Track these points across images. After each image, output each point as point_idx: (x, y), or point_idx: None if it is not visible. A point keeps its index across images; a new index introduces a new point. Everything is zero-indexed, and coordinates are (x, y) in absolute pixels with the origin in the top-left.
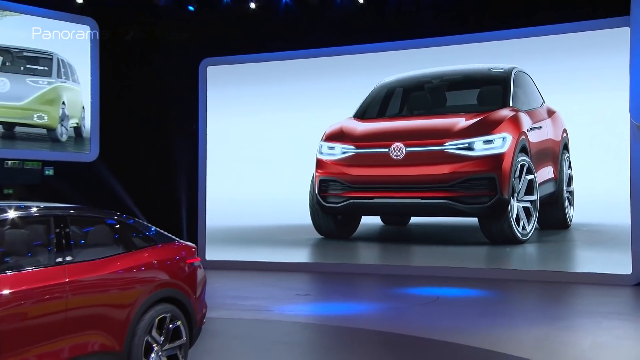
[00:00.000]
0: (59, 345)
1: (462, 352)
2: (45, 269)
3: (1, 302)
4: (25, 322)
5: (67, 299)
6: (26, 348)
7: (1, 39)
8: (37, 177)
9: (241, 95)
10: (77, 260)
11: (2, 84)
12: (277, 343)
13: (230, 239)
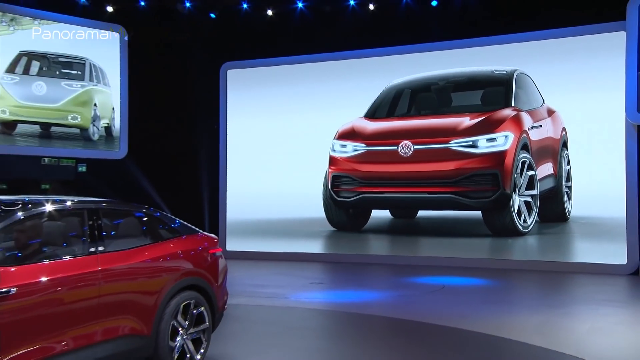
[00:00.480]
0: (93, 328)
1: (467, 337)
2: (79, 258)
3: (39, 288)
4: (61, 307)
5: (99, 286)
6: (63, 331)
7: (39, 46)
8: (71, 173)
9: (259, 96)
10: (108, 250)
11: (40, 87)
12: (293, 328)
13: (249, 231)
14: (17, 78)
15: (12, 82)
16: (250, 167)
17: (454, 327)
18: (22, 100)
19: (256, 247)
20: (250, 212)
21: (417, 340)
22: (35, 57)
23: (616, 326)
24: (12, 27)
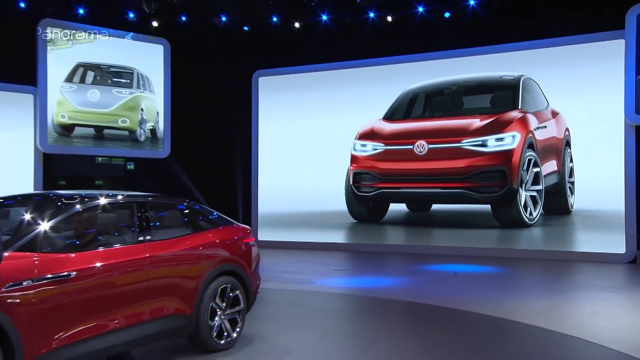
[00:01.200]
0: (141, 308)
1: (476, 319)
2: (129, 246)
3: (95, 272)
4: (114, 289)
5: (147, 271)
6: (115, 310)
7: (94, 57)
8: (121, 170)
9: (287, 100)
10: (155, 239)
11: (94, 94)
12: (319, 310)
13: (278, 223)
14: (75, 86)
15: (70, 90)
16: (279, 164)
17: (465, 310)
18: (79, 106)
19: (284, 237)
20: (279, 205)
21: (431, 322)
22: (90, 68)
23: (615, 310)
24: (70, 42)
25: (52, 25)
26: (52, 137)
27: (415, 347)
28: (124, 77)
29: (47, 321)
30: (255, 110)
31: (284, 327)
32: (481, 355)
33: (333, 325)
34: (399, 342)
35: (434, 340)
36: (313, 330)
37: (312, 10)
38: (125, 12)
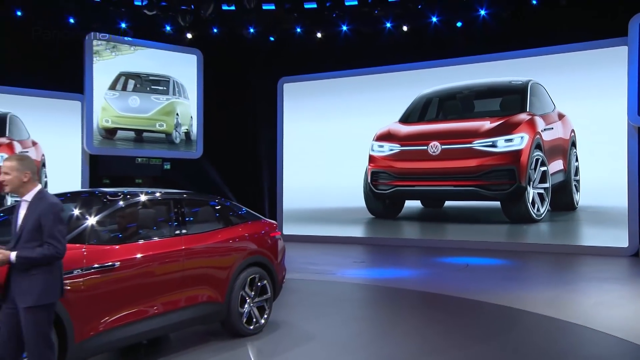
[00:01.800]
0: (178, 296)
1: (487, 308)
2: (167, 239)
3: (136, 263)
4: (153, 279)
5: (183, 262)
6: (154, 297)
7: (134, 67)
8: (158, 170)
9: (310, 105)
10: (190, 232)
11: (134, 100)
12: (340, 299)
13: (301, 218)
14: (117, 94)
15: (113, 97)
16: (303, 164)
17: (476, 300)
18: (121, 112)
19: (308, 232)
20: (303, 202)
21: (444, 311)
22: (131, 77)
23: (618, 300)
24: (113, 53)
25: (97, 38)
26: (97, 139)
27: (430, 334)
28: (161, 84)
29: (94, 306)
30: (281, 114)
31: (308, 314)
32: (492, 342)
33: (353, 313)
34: (414, 329)
35: (447, 328)
36: (335, 318)
37: (332, 21)
38: (163, 25)
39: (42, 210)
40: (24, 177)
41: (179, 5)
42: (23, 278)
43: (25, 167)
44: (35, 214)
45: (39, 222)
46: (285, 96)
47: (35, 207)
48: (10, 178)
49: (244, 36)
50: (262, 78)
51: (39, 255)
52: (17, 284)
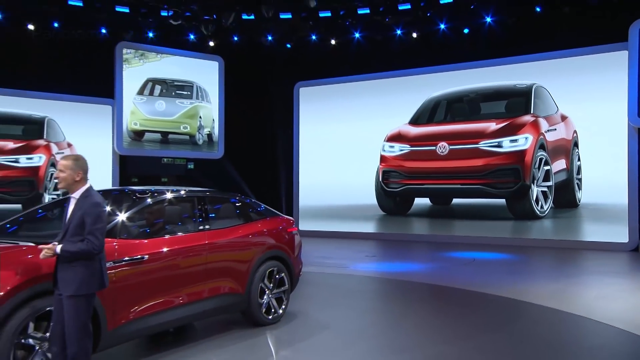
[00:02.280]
0: (201, 287)
1: (493, 300)
2: (191, 234)
3: (163, 256)
4: (178, 271)
5: (206, 255)
6: (180, 289)
7: (160, 73)
8: (182, 169)
9: (324, 108)
10: (212, 228)
11: (160, 105)
12: (352, 291)
13: (316, 214)
14: (145, 98)
15: (141, 101)
16: (317, 164)
17: (482, 292)
18: (148, 115)
19: (322, 227)
20: (318, 199)
21: (452, 302)
22: (157, 82)
23: (619, 293)
24: (141, 60)
25: (127, 47)
26: (126, 141)
27: (439, 324)
28: (185, 89)
29: (125, 296)
30: (297, 116)
31: (323, 305)
32: (498, 332)
33: (365, 304)
34: (423, 320)
35: (454, 318)
36: (348, 308)
37: (346, 28)
38: (187, 34)
39: (86, 208)
40: (77, 176)
41: (202, 15)
42: (67, 269)
43: (79, 167)
44: (80, 211)
45: (82, 219)
46: (301, 100)
47: (81, 205)
48: (64, 176)
49: (263, 43)
50: (279, 83)
51: (78, 249)
52: (61, 273)
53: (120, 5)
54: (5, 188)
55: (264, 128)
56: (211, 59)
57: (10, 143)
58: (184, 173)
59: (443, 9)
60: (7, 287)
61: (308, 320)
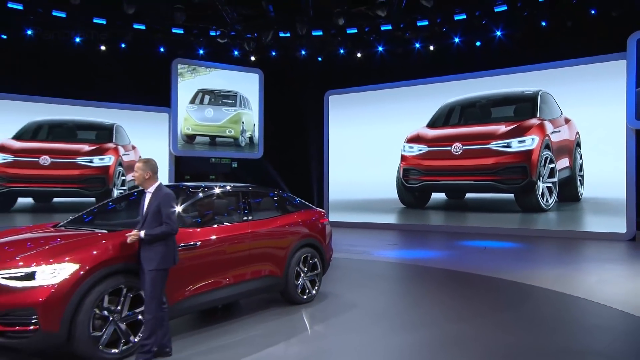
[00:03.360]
0: (245, 270)
1: (502, 284)
2: (236, 224)
3: (212, 243)
4: (225, 256)
5: (249, 242)
6: (226, 271)
7: (209, 85)
8: (228, 168)
9: (351, 113)
10: (254, 219)
11: (209, 112)
12: (376, 275)
13: (344, 207)
14: (196, 107)
15: (193, 109)
16: (345, 162)
17: (492, 277)
18: (199, 121)
19: (349, 219)
20: (345, 194)
21: (465, 286)
22: (206, 92)
23: (618, 278)
24: (193, 74)
25: (181, 63)
26: (180, 144)
27: (453, 305)
28: (230, 98)
29: (181, 277)
30: (327, 121)
31: (351, 287)
32: (508, 312)
33: (388, 287)
34: (440, 301)
35: (468, 300)
36: (373, 290)
37: (370, 43)
38: (232, 50)
39: (161, 199)
40: (146, 175)
41: (244, 34)
42: (148, 249)
43: (148, 168)
44: (156, 202)
45: (158, 207)
46: (330, 106)
47: (156, 197)
48: (137, 175)
49: (297, 57)
50: (311, 91)
51: (159, 232)
52: (144, 253)
53: (176, 27)
54: (81, 184)
55: (298, 131)
56: (252, 72)
57: (86, 146)
58: (229, 171)
59: (457, 25)
60: (87, 267)
61: (338, 300)
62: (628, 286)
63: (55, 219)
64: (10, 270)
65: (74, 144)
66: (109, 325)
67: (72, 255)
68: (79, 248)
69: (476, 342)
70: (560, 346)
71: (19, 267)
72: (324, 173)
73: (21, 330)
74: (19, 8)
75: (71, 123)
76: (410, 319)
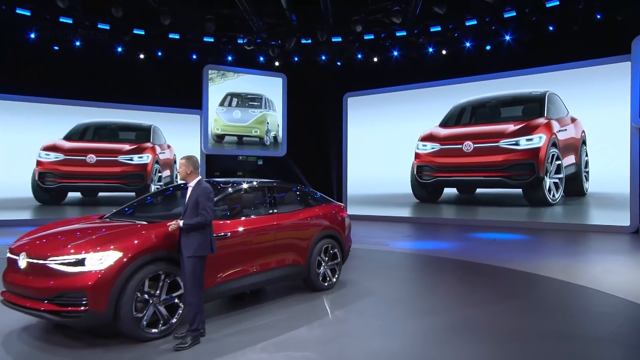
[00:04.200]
0: (270, 259)
1: (510, 273)
2: (263, 216)
3: (241, 234)
4: (253, 246)
5: (274, 234)
6: (254, 260)
7: (237, 88)
8: (254, 165)
9: (369, 114)
10: (279, 212)
11: (237, 113)
12: (392, 264)
13: (362, 201)
14: (225, 109)
15: (222, 111)
16: (363, 159)
17: (501, 267)
18: (227, 122)
19: (367, 212)
20: (363, 189)
21: (476, 275)
22: (234, 95)
23: (621, 268)
24: (222, 79)
25: (211, 68)
26: (210, 143)
27: (464, 292)
28: (256, 101)
29: (213, 265)
30: (345, 121)
31: (369, 275)
32: (517, 299)
33: (403, 275)
34: (452, 288)
35: (478, 288)
36: (389, 278)
37: (386, 48)
38: (257, 56)
39: (200, 192)
40: (188, 170)
41: (269, 42)
42: (187, 237)
43: (190, 164)
44: (195, 195)
45: (197, 200)
46: (349, 107)
47: (195, 191)
48: (180, 170)
49: (318, 62)
50: (331, 93)
51: (195, 222)
52: (184, 240)
53: (207, 36)
54: (122, 180)
55: (319, 131)
56: (276, 76)
57: (127, 146)
58: (255, 168)
59: (468, 30)
60: (129, 254)
61: (356, 287)
62: (631, 276)
63: (100, 211)
64: (63, 257)
65: (116, 144)
66: (149, 307)
67: (116, 244)
68: (122, 238)
69: (485, 326)
70: (565, 331)
71: (70, 254)
72: (343, 169)
73: (73, 310)
74: (69, 22)
75: (114, 125)
76: (424, 305)
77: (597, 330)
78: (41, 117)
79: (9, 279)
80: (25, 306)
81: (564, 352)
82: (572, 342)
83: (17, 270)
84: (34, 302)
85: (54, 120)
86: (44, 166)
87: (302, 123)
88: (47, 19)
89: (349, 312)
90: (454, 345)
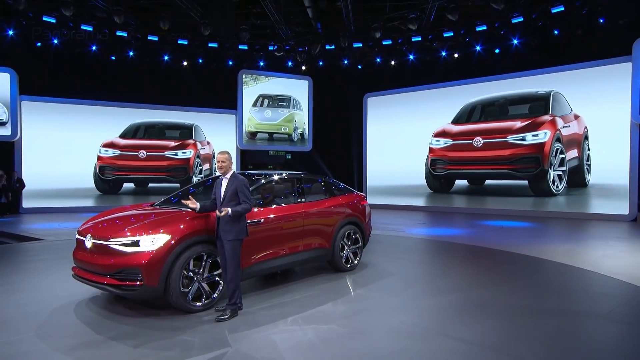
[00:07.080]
0: (298, 243)
1: (517, 257)
2: (292, 205)
3: (272, 220)
4: (283, 231)
5: (302, 220)
6: (283, 244)
7: (268, 90)
8: (283, 159)
9: (387, 112)
10: (306, 200)
11: (268, 113)
12: (409, 248)
13: (380, 191)
14: (257, 109)
15: (255, 111)
16: (381, 153)
17: (508, 251)
18: (259, 121)
19: (385, 201)
20: (381, 180)
21: (485, 258)
22: (266, 97)
23: (621, 253)
24: (255, 82)
25: (245, 73)
26: (245, 140)
27: (475, 274)
28: (285, 101)
29: (248, 248)
30: (365, 119)
31: (387, 258)
32: (522, 280)
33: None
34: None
35: (487, 270)
36: (406, 261)
37: (403, 52)
38: (286, 61)
39: (238, 183)
40: (230, 164)
41: (297, 48)
42: (226, 223)
43: (229, 159)
44: (233, 185)
45: (235, 190)
46: (369, 106)
47: (232, 182)
48: (224, 165)
49: (341, 66)
50: (352, 94)
51: (242, 209)
52: (223, 227)
53: (242, 44)
54: (168, 173)
55: (342, 128)
56: (303, 79)
57: (172, 142)
58: (284, 161)
59: (479, 35)
60: (176, 237)
61: (376, 268)
62: (629, 260)
63: (151, 199)
64: (121, 239)
65: (163, 141)
66: (193, 283)
67: (165, 228)
68: (170, 223)
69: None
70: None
71: (127, 237)
72: (363, 162)
73: (131, 285)
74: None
75: (161, 124)
76: (438, 284)
77: (598, 309)
78: (101, 118)
79: (78, 257)
80: (91, 280)
81: (566, 327)
82: (574, 319)
83: (84, 249)
84: (98, 277)
85: (112, 121)
86: (103, 160)
87: (326, 121)
88: (105, 33)
89: (369, 290)
90: (466, 319)
